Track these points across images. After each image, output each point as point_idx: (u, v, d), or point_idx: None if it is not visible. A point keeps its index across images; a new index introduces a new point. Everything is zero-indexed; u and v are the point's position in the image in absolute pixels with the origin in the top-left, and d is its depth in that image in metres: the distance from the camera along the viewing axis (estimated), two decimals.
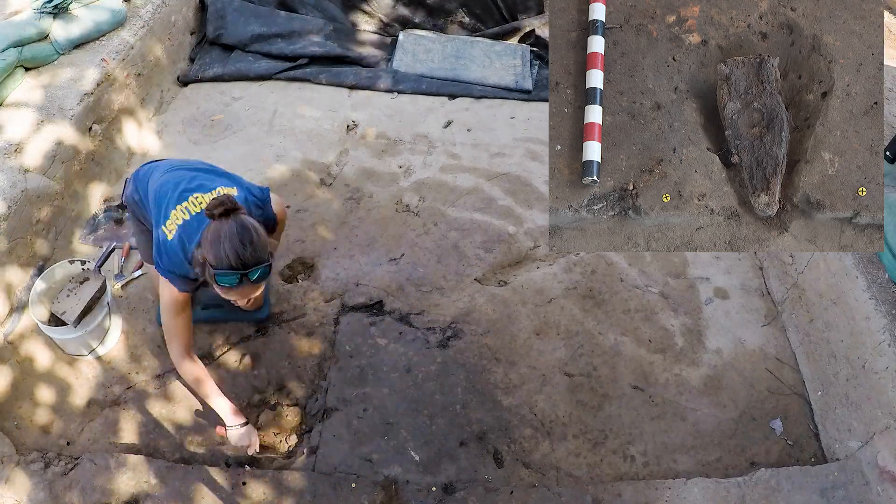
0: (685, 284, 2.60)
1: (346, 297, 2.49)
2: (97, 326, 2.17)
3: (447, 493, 1.94)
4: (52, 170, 2.50)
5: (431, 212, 2.84)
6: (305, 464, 2.04)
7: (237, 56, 3.61)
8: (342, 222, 2.78)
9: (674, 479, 1.95)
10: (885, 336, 1.89)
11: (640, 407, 2.21)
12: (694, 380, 2.29)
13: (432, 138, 3.24)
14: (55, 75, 2.76)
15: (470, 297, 2.51)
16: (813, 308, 2.27)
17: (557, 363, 2.32)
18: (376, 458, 2.06)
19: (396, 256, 2.65)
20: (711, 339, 2.41)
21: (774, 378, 2.30)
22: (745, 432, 2.16)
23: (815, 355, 2.24)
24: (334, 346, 2.34)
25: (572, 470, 2.06)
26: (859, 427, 1.95)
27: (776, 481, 1.91)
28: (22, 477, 1.89)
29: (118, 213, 2.71)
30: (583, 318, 2.46)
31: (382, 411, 2.17)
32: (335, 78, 3.51)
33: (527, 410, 2.19)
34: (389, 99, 3.47)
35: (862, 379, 1.96)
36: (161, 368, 2.26)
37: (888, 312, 1.92)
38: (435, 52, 3.72)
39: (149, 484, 1.90)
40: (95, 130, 2.76)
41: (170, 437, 2.09)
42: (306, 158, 3.08)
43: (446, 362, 2.31)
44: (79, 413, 2.14)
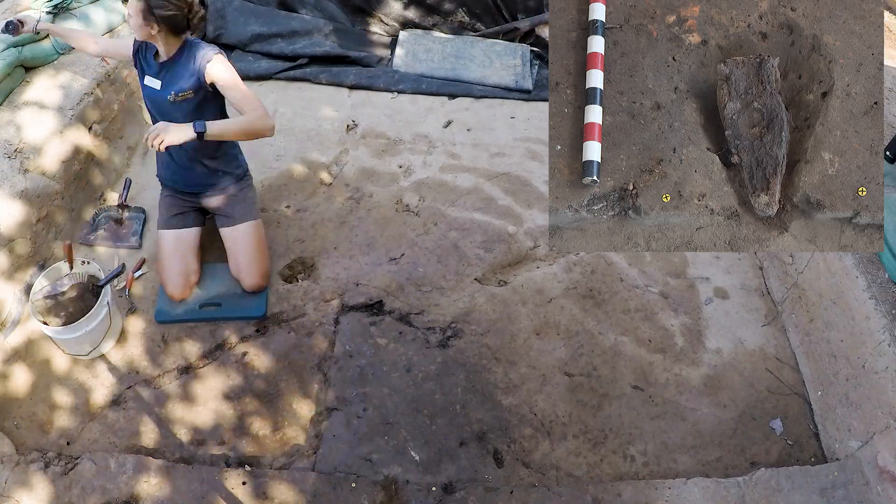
0: (685, 284, 2.60)
1: (346, 297, 2.49)
2: (97, 326, 2.17)
3: (447, 493, 1.94)
4: (51, 169, 2.50)
5: (431, 212, 2.84)
6: (305, 464, 2.04)
7: (237, 56, 3.61)
8: (342, 222, 2.78)
9: (674, 479, 1.95)
10: (885, 336, 1.89)
11: (640, 407, 2.21)
12: (694, 380, 2.29)
13: (432, 138, 3.24)
14: (55, 75, 2.76)
15: (470, 297, 2.51)
16: (813, 308, 2.27)
17: (557, 363, 2.32)
18: (376, 458, 2.06)
19: (396, 256, 2.65)
20: (711, 339, 2.42)
21: (774, 378, 2.30)
22: (745, 432, 2.16)
23: (815, 355, 2.24)
24: (334, 346, 2.34)
25: (572, 470, 2.06)
26: (859, 427, 1.95)
27: (776, 481, 1.91)
28: (22, 477, 1.89)
29: (118, 213, 2.71)
30: (583, 317, 2.46)
31: (382, 411, 2.17)
32: (335, 78, 3.51)
33: (527, 410, 2.19)
34: (389, 99, 3.47)
35: (862, 379, 1.96)
36: (161, 368, 2.26)
37: (888, 312, 1.92)
38: (435, 52, 3.72)
39: (149, 484, 1.90)
40: (95, 130, 2.76)
41: (170, 437, 2.09)
42: (306, 158, 3.08)
43: (446, 362, 2.31)
44: (79, 413, 2.14)
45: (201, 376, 2.25)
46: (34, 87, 2.69)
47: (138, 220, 2.71)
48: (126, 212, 2.72)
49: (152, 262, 2.58)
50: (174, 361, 2.28)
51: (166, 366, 2.26)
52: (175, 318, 2.37)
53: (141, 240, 2.66)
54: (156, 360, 2.28)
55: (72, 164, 2.61)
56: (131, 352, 2.31)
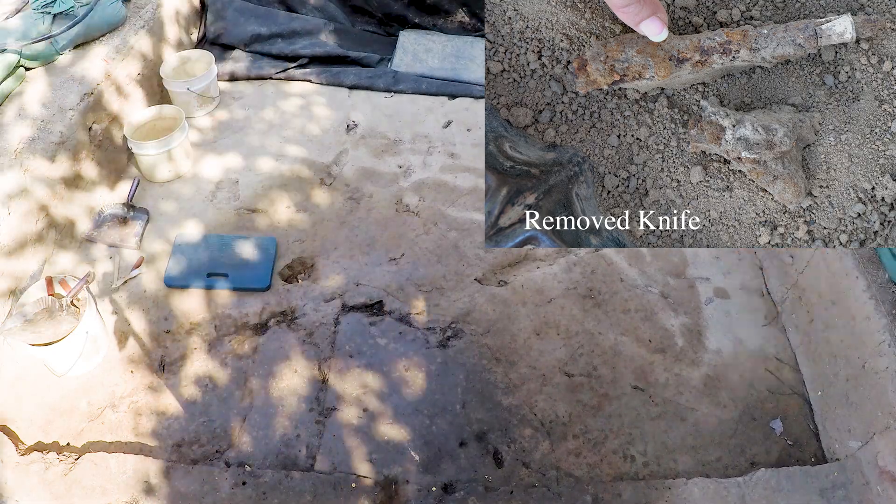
0: (685, 284, 2.60)
1: (346, 297, 2.49)
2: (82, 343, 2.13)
3: (447, 493, 1.94)
4: (52, 169, 2.50)
5: (431, 212, 2.84)
6: (305, 464, 2.04)
7: (237, 56, 3.62)
8: (342, 222, 2.78)
9: (674, 479, 1.95)
10: (885, 336, 1.89)
11: (640, 407, 2.21)
12: (694, 380, 2.29)
13: (432, 138, 3.24)
14: (55, 75, 2.76)
15: (470, 297, 2.51)
16: (813, 308, 2.27)
17: (557, 363, 2.32)
18: (376, 458, 2.06)
19: (396, 256, 2.65)
20: (711, 339, 2.42)
21: (774, 378, 2.31)
22: (745, 432, 2.16)
23: (815, 355, 2.24)
24: (334, 346, 2.34)
25: (572, 470, 2.06)
26: (859, 427, 1.95)
27: (776, 481, 1.91)
28: (22, 477, 1.89)
29: (124, 212, 2.71)
30: (583, 318, 2.46)
31: (382, 411, 2.17)
32: (335, 78, 3.51)
33: (527, 410, 2.19)
34: (385, 98, 3.47)
35: (862, 379, 1.96)
36: (161, 368, 2.26)
37: (888, 312, 1.92)
38: (435, 52, 3.72)
39: (149, 484, 1.90)
40: (95, 130, 2.76)
41: (170, 438, 2.09)
42: (306, 158, 3.08)
43: (446, 362, 2.31)
44: (79, 413, 2.14)
45: (201, 376, 2.25)
46: (34, 88, 2.69)
47: (141, 220, 2.72)
48: (131, 211, 2.73)
49: (152, 261, 2.59)
50: (174, 361, 2.28)
51: (166, 365, 2.26)
52: (183, 284, 2.49)
53: (141, 241, 2.66)
54: (156, 359, 2.28)
55: (72, 164, 2.61)
56: (131, 351, 2.31)
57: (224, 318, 2.41)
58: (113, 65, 2.89)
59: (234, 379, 2.25)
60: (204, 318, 2.41)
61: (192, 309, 2.44)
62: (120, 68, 2.93)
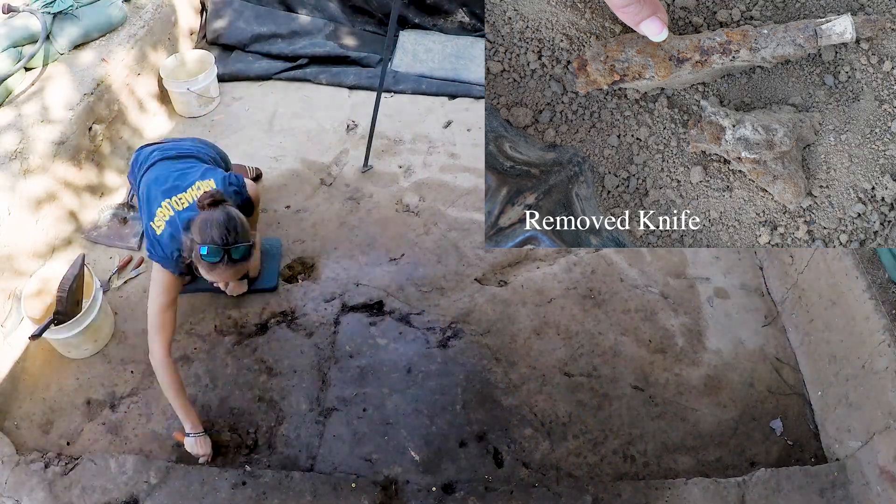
0: (685, 284, 2.60)
1: (346, 297, 2.49)
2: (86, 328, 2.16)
3: (447, 493, 1.94)
4: (52, 170, 2.50)
5: (431, 212, 2.84)
6: (305, 464, 2.04)
7: (237, 56, 3.62)
8: (342, 222, 2.78)
9: (674, 479, 1.95)
10: (885, 336, 1.89)
11: (640, 407, 2.21)
12: (694, 380, 2.29)
13: (432, 138, 3.24)
14: (55, 75, 2.76)
15: (470, 297, 2.51)
16: (813, 308, 2.27)
17: (557, 363, 2.32)
18: (376, 458, 2.06)
19: (396, 256, 2.65)
20: (711, 339, 2.42)
21: (774, 378, 2.30)
22: (745, 432, 2.16)
23: (815, 355, 2.24)
24: (334, 346, 2.34)
25: (572, 470, 2.06)
26: (859, 427, 1.95)
27: (776, 481, 1.91)
28: (22, 477, 1.89)
29: (123, 212, 2.71)
30: (583, 318, 2.46)
31: (382, 411, 2.17)
32: (335, 78, 3.51)
33: (527, 410, 2.19)
34: (387, 98, 3.47)
35: (862, 379, 1.96)
36: None
37: (888, 312, 1.92)
38: (435, 52, 3.72)
39: (149, 484, 1.90)
40: (95, 130, 2.76)
41: (170, 438, 2.09)
42: (306, 158, 3.08)
43: (446, 362, 2.31)
44: (79, 413, 2.14)
45: (201, 376, 2.25)
46: (35, 88, 2.69)
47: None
48: (131, 211, 2.73)
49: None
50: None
51: None
52: (192, 287, 2.44)
53: (140, 242, 2.66)
54: None
55: (72, 164, 2.61)
56: (131, 351, 2.31)
57: (225, 318, 2.41)
58: (113, 65, 2.89)
59: (235, 378, 2.25)
60: (204, 318, 2.41)
61: (192, 309, 2.43)
62: (120, 68, 2.93)
